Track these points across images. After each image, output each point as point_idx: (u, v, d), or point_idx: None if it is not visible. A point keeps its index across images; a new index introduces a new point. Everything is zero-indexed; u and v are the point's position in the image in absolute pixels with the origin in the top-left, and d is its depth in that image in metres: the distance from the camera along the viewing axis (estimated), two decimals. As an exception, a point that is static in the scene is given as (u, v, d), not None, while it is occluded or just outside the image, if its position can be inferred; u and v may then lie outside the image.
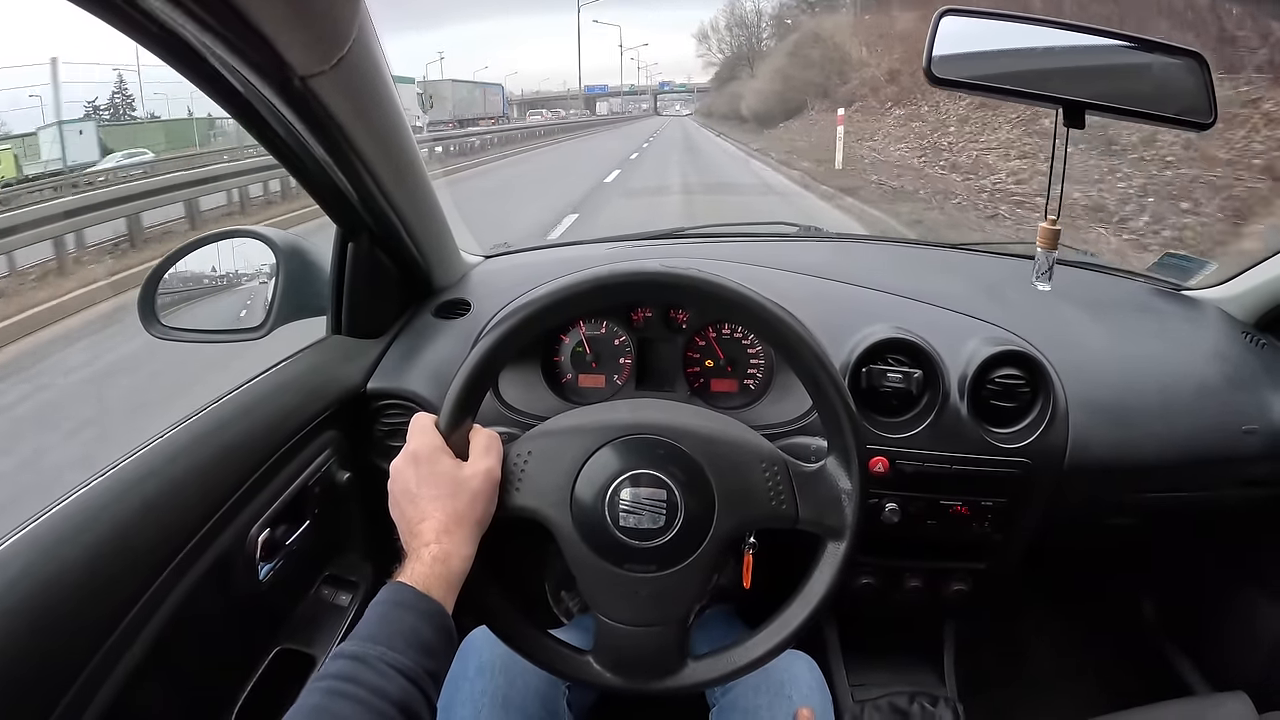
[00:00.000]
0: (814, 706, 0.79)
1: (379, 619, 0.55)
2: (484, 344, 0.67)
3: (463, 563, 0.61)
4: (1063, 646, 1.42)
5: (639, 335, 1.01)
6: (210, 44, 0.54)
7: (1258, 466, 0.98)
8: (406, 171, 0.88)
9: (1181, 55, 0.76)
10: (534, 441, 0.69)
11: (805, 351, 0.67)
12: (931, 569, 1.04)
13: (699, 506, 0.66)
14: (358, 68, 0.66)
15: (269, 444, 0.80)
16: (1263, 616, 1.12)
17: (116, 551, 0.60)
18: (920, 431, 0.92)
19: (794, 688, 0.81)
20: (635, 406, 0.73)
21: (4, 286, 5.45)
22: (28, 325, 4.76)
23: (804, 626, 0.68)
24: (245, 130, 0.71)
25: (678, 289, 0.69)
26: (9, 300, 5.14)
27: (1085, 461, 0.93)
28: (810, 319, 0.69)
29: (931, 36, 0.75)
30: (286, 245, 0.99)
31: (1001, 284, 1.08)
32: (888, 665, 1.17)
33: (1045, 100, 0.75)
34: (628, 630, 0.67)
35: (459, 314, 1.06)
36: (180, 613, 0.65)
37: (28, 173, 13.38)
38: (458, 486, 0.63)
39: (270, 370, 0.91)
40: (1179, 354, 1.03)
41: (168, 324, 0.97)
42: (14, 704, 0.51)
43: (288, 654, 0.85)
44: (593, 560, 0.66)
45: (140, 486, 0.65)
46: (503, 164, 15.88)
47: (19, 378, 4.00)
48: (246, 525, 0.75)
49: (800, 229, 1.42)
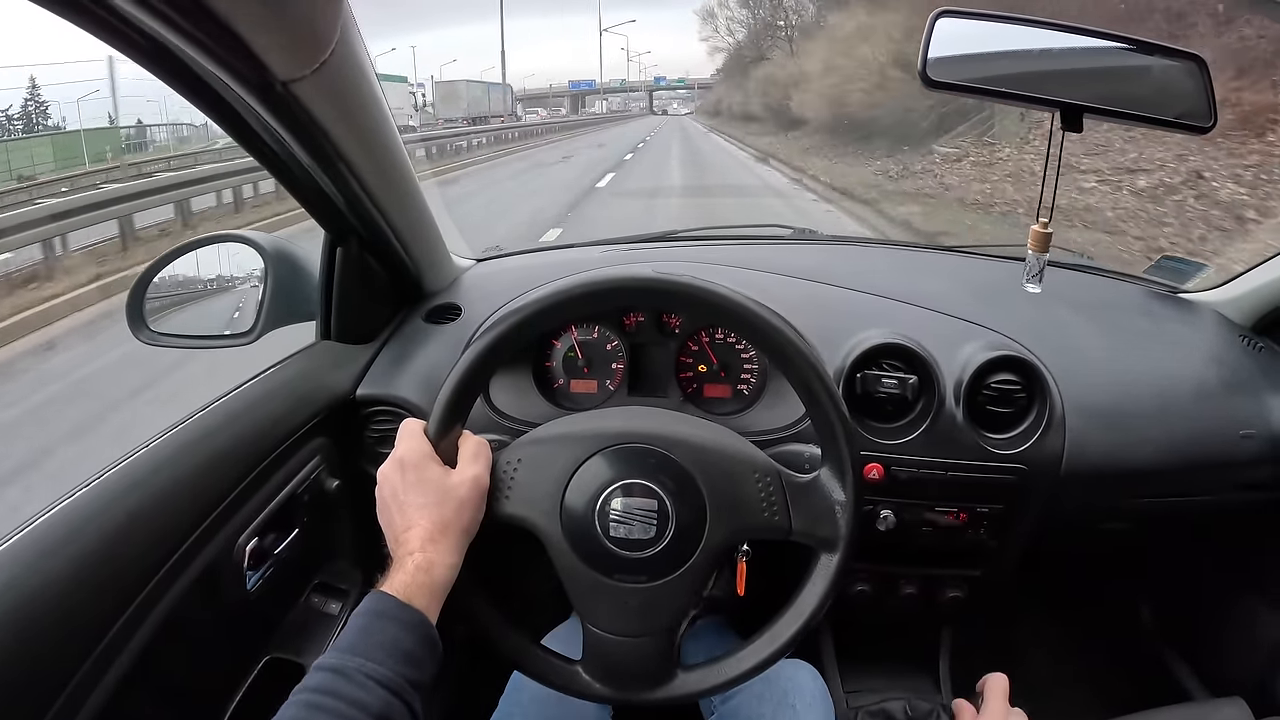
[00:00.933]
0: (816, 716, 0.79)
1: (359, 630, 0.55)
2: (474, 349, 0.67)
3: (447, 571, 0.60)
4: (1059, 653, 1.42)
5: (631, 340, 1.00)
6: (189, 50, 0.53)
7: (1255, 471, 0.97)
8: (394, 175, 0.87)
9: (1181, 58, 0.76)
10: (524, 449, 0.68)
11: (800, 360, 0.66)
12: (926, 576, 1.03)
13: (690, 517, 0.65)
14: (341, 71, 0.65)
15: (257, 451, 0.79)
16: (1260, 622, 1.12)
17: (103, 562, 0.59)
18: (915, 438, 0.91)
19: (798, 696, 0.80)
20: (627, 415, 0.72)
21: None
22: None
23: (796, 638, 0.67)
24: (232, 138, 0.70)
25: (671, 295, 0.69)
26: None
27: (1082, 467, 0.92)
28: (804, 323, 0.68)
29: (927, 39, 0.75)
30: (275, 250, 0.98)
31: (997, 288, 1.07)
32: (883, 672, 1.16)
33: (1042, 103, 0.75)
34: (617, 640, 0.66)
35: (450, 319, 1.05)
36: (168, 622, 0.64)
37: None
38: (445, 494, 0.62)
39: (258, 376, 0.90)
40: (1176, 358, 1.02)
41: (156, 329, 0.96)
42: (2, 714, 0.50)
43: (277, 663, 0.84)
44: (582, 570, 0.65)
45: (126, 497, 0.64)
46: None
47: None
48: (234, 534, 0.74)
49: (794, 232, 1.41)
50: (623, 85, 64.87)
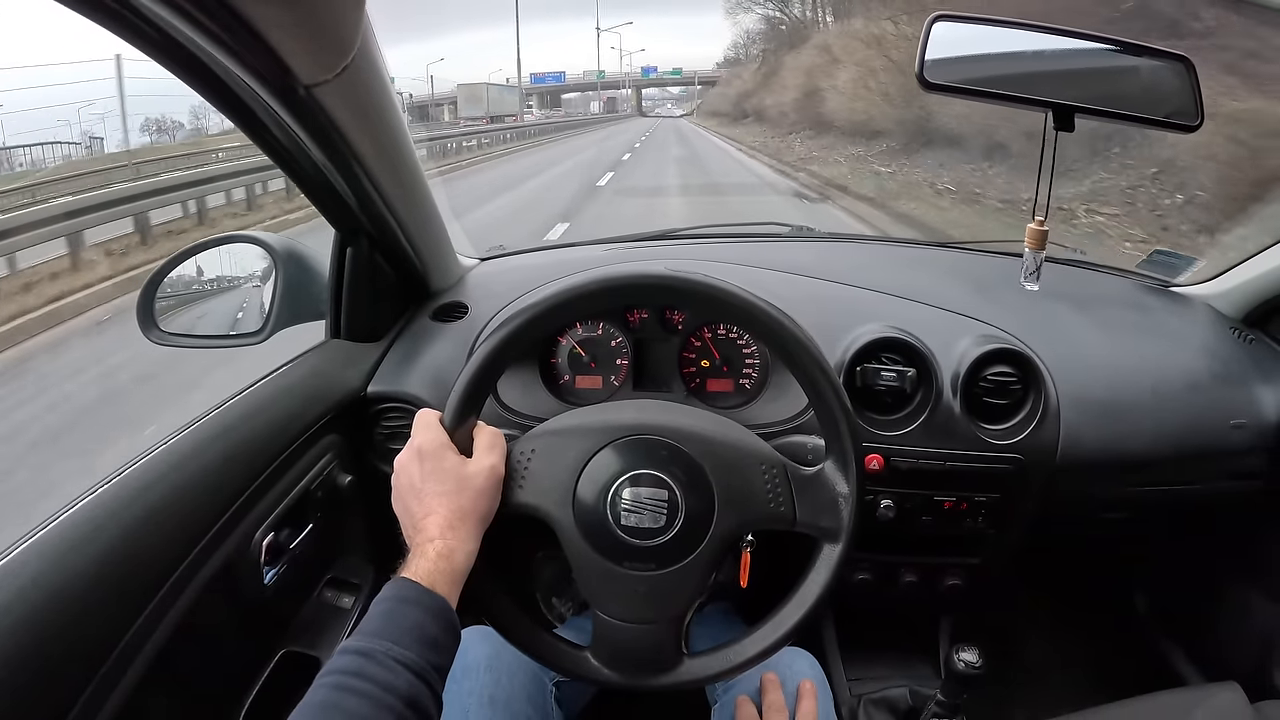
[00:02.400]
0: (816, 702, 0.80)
1: (384, 615, 0.55)
2: (491, 341, 0.68)
3: (466, 558, 0.61)
4: (1057, 639, 1.43)
5: (635, 336, 1.02)
6: (215, 52, 0.54)
7: (1247, 460, 0.99)
8: (406, 176, 0.88)
9: (1169, 59, 0.78)
10: (537, 440, 0.70)
11: (805, 355, 0.68)
12: (926, 564, 1.05)
13: (699, 507, 0.67)
14: (361, 77, 0.66)
15: (271, 449, 0.80)
16: (1255, 609, 1.14)
17: (123, 559, 0.60)
18: (914, 429, 0.93)
19: (797, 684, 0.82)
20: (638, 408, 0.73)
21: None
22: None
23: (799, 626, 0.69)
24: (250, 139, 0.72)
25: (683, 292, 0.70)
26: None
27: (1077, 457, 0.94)
28: (804, 319, 0.70)
29: (924, 42, 0.77)
30: (284, 250, 0.99)
31: (993, 282, 1.09)
32: (884, 659, 1.18)
33: (1035, 104, 0.76)
34: (625, 627, 0.68)
35: (457, 316, 1.06)
36: (187, 618, 0.65)
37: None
38: (462, 482, 0.63)
39: (271, 375, 0.91)
40: (1168, 350, 1.04)
41: (166, 330, 0.97)
42: (26, 712, 0.51)
43: (293, 656, 0.86)
44: (593, 558, 0.67)
45: (145, 494, 0.65)
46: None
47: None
48: (251, 530, 0.75)
49: (793, 229, 1.43)
50: (601, 79, 49.12)
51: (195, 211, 7.83)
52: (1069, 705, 0.80)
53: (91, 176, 9.42)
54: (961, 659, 0.81)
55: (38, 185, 8.70)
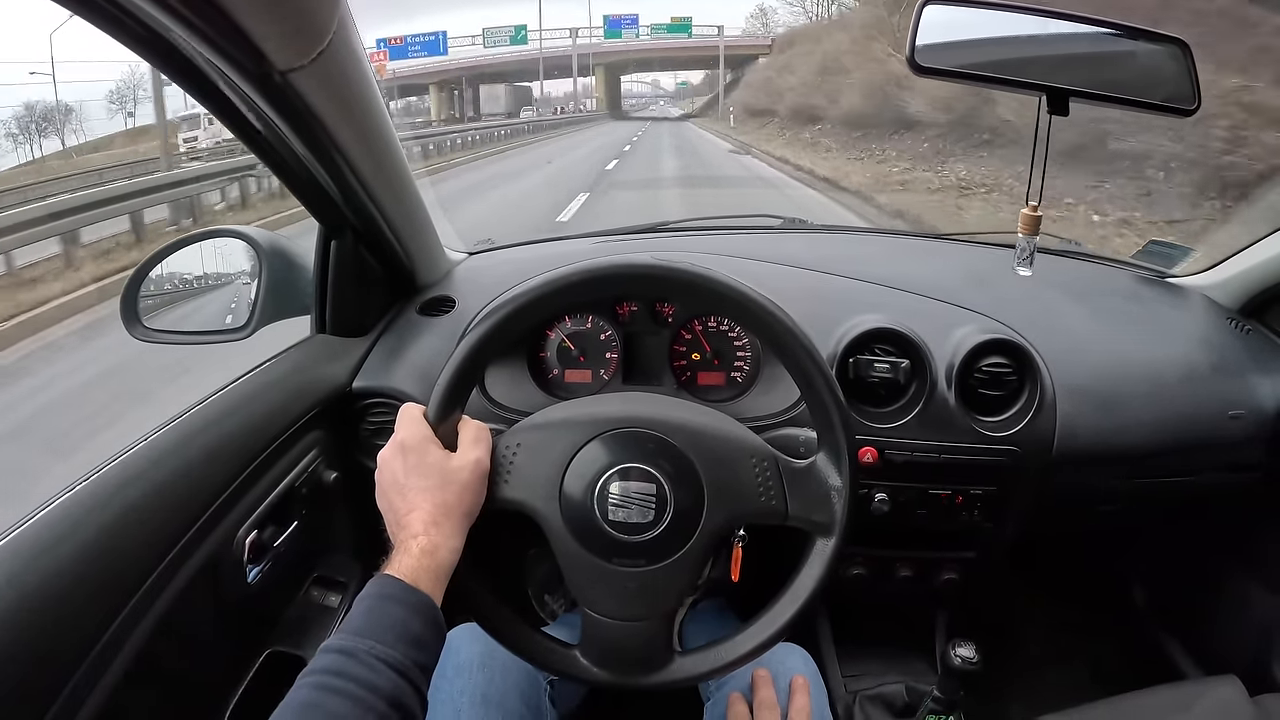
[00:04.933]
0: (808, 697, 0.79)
1: (366, 612, 0.54)
2: (476, 332, 0.67)
3: (451, 555, 0.60)
4: (1054, 634, 1.43)
5: (625, 330, 1.00)
6: (188, 39, 0.53)
7: (1244, 451, 0.98)
8: (389, 167, 0.87)
9: (1165, 42, 0.76)
10: (523, 434, 0.69)
11: (796, 347, 0.67)
12: (922, 558, 1.04)
13: (688, 501, 0.65)
14: (338, 62, 0.65)
15: (255, 445, 0.79)
16: (1254, 601, 1.13)
17: (102, 557, 0.59)
18: (908, 421, 0.92)
19: (790, 680, 0.81)
20: (625, 400, 0.72)
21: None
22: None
23: (792, 622, 0.68)
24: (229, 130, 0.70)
25: (669, 282, 0.69)
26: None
27: (1073, 448, 0.93)
28: (796, 310, 0.68)
29: (915, 26, 0.75)
30: (269, 244, 0.98)
31: (987, 273, 1.08)
32: (880, 655, 1.17)
33: (1029, 88, 0.75)
34: (615, 624, 0.66)
35: (444, 311, 1.05)
36: (169, 616, 0.64)
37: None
38: (446, 477, 0.62)
39: (254, 370, 0.90)
40: (1165, 341, 1.04)
41: (150, 326, 0.96)
42: (4, 712, 0.50)
43: (278, 656, 0.84)
44: (581, 554, 0.66)
45: (124, 491, 0.64)
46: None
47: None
48: (234, 527, 0.74)
49: (785, 221, 1.42)
50: (519, 43, 28.91)
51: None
52: (1067, 700, 0.79)
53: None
54: (958, 654, 0.80)
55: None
